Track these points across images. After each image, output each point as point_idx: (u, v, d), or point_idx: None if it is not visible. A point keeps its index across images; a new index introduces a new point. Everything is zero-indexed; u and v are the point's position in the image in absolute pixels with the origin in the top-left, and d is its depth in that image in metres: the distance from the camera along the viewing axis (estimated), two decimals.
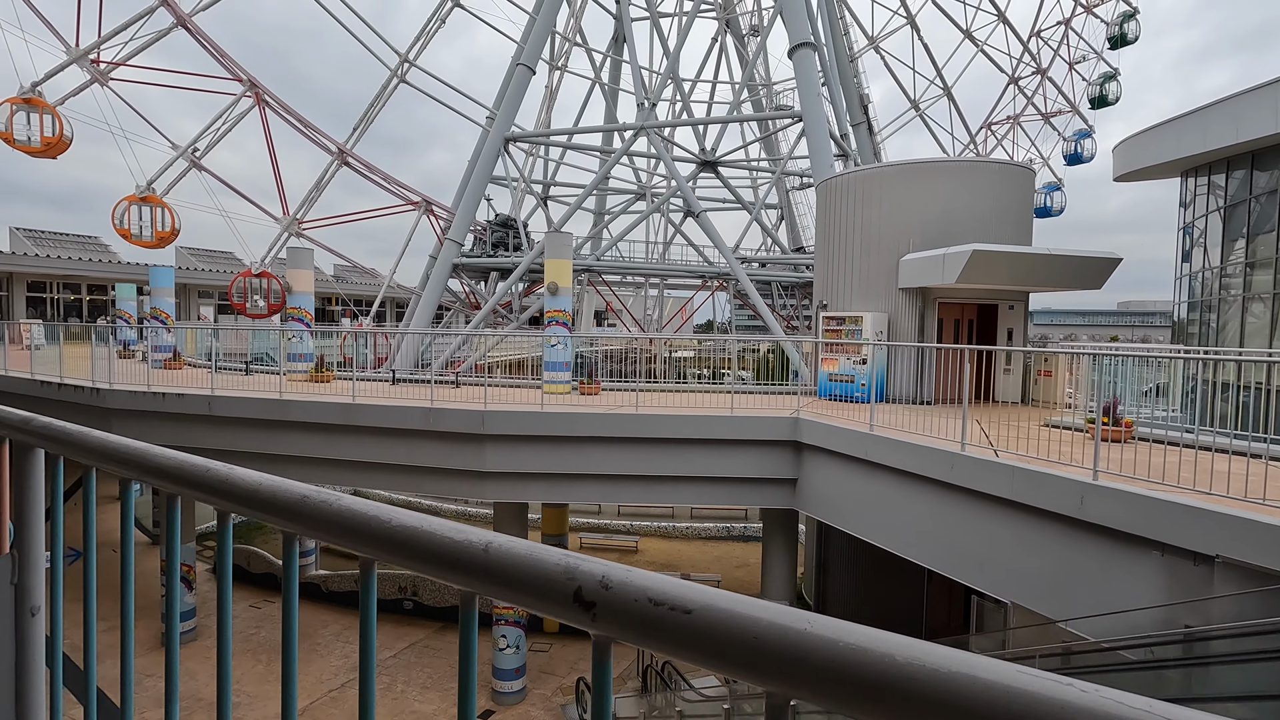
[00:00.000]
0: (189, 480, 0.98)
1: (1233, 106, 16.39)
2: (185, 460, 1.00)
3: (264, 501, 0.90)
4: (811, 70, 26.77)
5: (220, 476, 0.95)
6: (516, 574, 0.67)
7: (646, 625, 0.58)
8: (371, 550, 0.80)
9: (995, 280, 12.96)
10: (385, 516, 0.78)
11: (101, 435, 1.09)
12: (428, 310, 29.39)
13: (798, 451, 10.85)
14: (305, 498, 0.86)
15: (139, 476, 1.05)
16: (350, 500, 0.84)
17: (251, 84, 22.67)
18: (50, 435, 1.14)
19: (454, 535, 0.75)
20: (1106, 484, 6.35)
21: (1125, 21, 41.93)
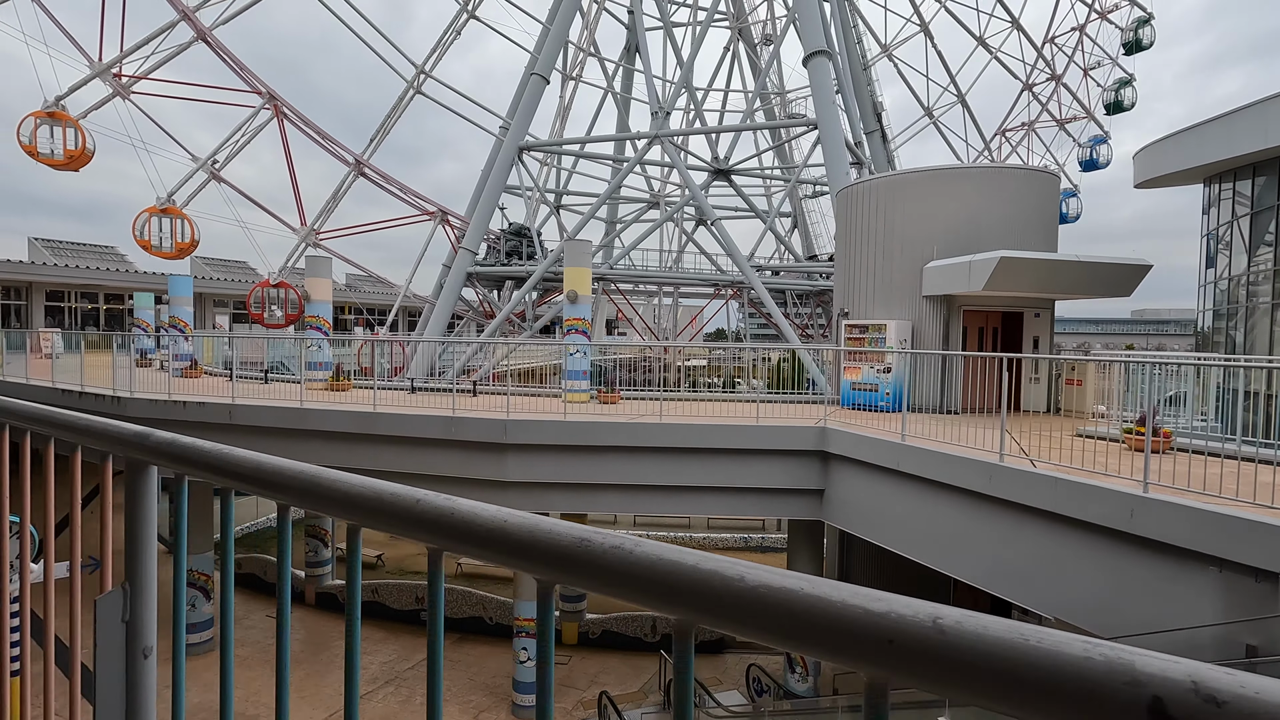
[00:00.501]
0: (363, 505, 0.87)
1: (1260, 111, 16.15)
2: (364, 485, 0.89)
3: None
4: (826, 78, 26.70)
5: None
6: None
7: None
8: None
9: (1022, 288, 12.76)
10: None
11: (236, 452, 0.98)
12: (442, 319, 29.41)
13: (825, 461, 10.67)
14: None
15: (292, 500, 0.94)
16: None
17: (270, 97, 22.84)
18: (178, 454, 1.04)
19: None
20: (1158, 496, 6.16)
21: (1140, 27, 41.64)
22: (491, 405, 12.61)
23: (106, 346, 21.42)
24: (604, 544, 0.67)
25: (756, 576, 0.58)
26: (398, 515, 0.84)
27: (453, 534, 0.78)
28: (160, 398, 13.19)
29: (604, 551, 0.67)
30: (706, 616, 0.62)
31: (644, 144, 29.30)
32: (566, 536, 0.71)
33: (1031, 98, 42.46)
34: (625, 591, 0.67)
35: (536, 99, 30.93)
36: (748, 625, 0.59)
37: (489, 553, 0.77)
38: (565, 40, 31.89)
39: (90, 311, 36.67)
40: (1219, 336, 21.39)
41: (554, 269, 29.89)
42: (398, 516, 0.84)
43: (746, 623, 0.59)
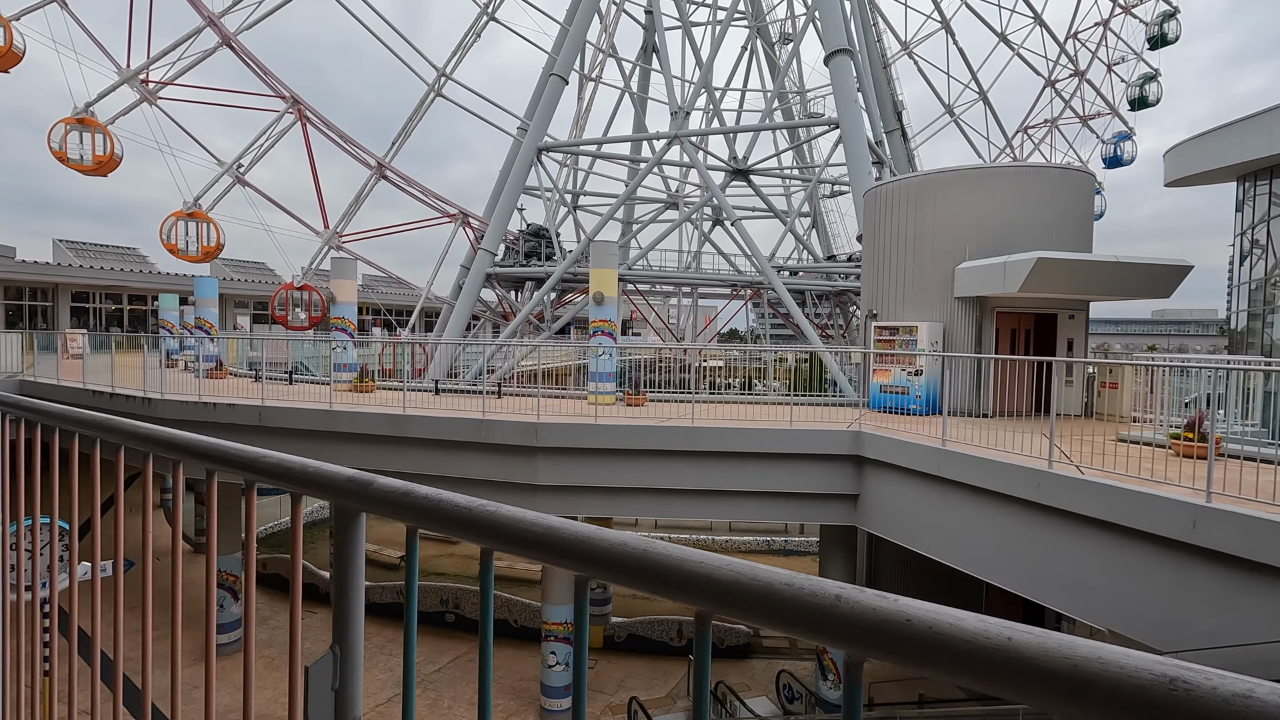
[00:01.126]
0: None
1: None
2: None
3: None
4: (848, 77, 26.45)
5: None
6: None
7: None
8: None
9: (1059, 289, 12.52)
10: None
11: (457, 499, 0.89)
12: (461, 320, 29.45)
13: (859, 466, 10.51)
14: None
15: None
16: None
17: (294, 101, 22.95)
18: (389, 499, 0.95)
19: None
20: (1221, 506, 5.97)
21: (1165, 21, 40.98)
22: (516, 407, 12.55)
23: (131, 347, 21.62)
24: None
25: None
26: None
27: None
28: (190, 399, 13.25)
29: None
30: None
31: (663, 144, 29.16)
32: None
33: (1054, 94, 41.87)
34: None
35: (555, 100, 30.90)
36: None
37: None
38: (584, 41, 31.83)
39: (114, 312, 37.11)
40: (1253, 338, 20.95)
41: (572, 269, 29.87)
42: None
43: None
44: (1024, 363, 12.59)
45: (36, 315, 33.12)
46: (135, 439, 1.49)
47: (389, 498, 0.98)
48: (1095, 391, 13.78)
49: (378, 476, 1.03)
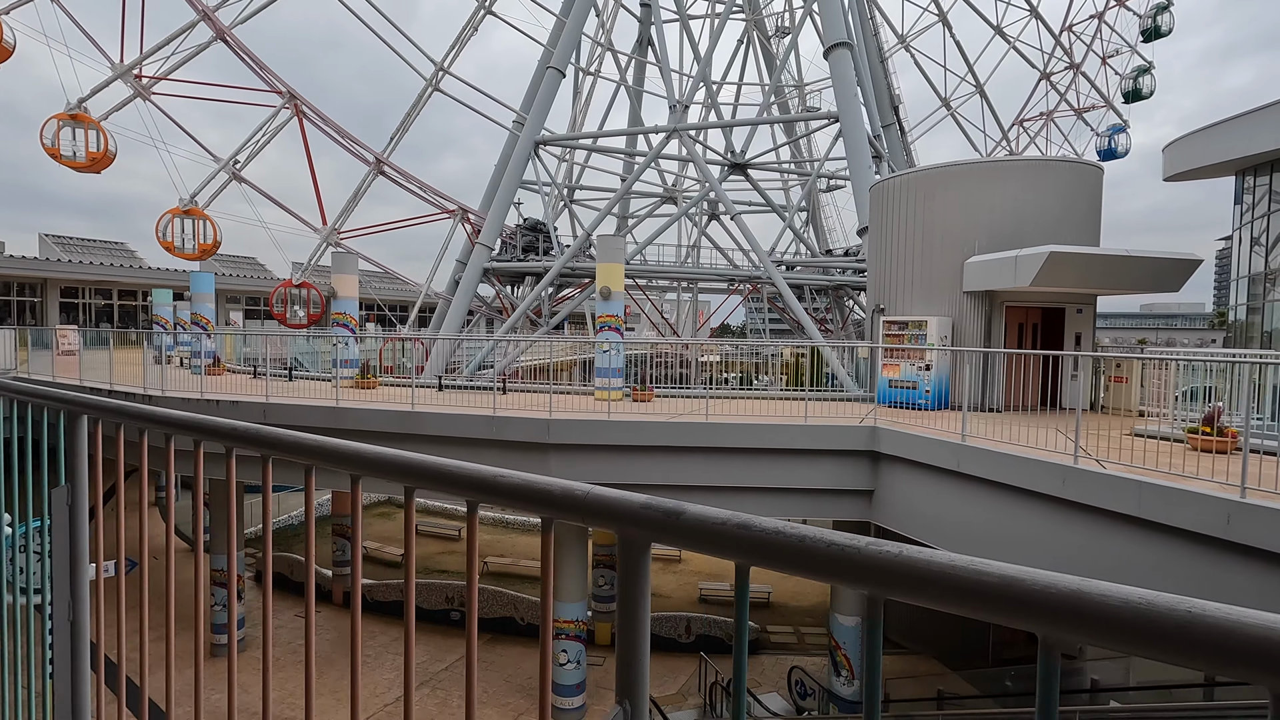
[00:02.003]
0: None
1: None
2: None
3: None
4: (848, 71, 26.35)
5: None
6: None
7: None
8: None
9: (1070, 283, 12.50)
10: None
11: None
12: (458, 315, 29.22)
13: (875, 462, 10.45)
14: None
15: None
16: None
17: (291, 96, 22.61)
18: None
19: None
20: (1257, 502, 5.93)
21: (1159, 14, 41.15)
22: (523, 403, 12.42)
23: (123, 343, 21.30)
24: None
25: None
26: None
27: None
28: (193, 396, 13.04)
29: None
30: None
31: (661, 138, 28.97)
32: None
33: (1050, 87, 41.97)
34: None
35: (552, 93, 30.63)
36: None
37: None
38: (580, 33, 31.55)
39: (104, 308, 36.60)
40: (1253, 331, 21.08)
41: (570, 264, 29.69)
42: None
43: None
44: (1031, 357, 12.58)
45: (24, 311, 32.59)
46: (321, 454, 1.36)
47: (705, 528, 0.86)
48: (1103, 386, 13.78)
49: (686, 505, 0.91)
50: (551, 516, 1.06)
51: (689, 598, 17.20)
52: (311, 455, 1.41)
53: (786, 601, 17.02)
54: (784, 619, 16.08)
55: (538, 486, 1.03)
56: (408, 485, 1.28)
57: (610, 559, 15.99)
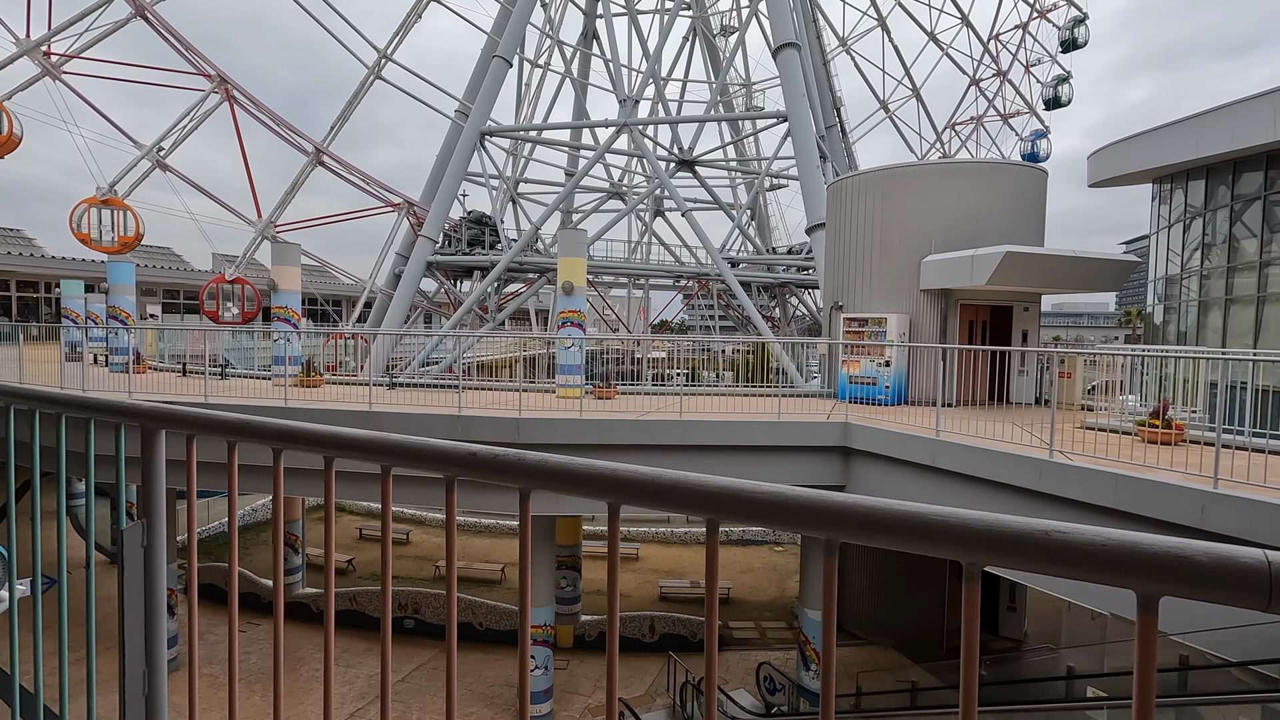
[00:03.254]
0: None
1: (1219, 117, 16.95)
2: None
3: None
4: (796, 71, 26.69)
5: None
6: None
7: None
8: None
9: (1023, 282, 12.97)
10: None
11: None
12: (401, 310, 28.18)
13: (846, 457, 10.56)
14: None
15: None
16: None
17: (221, 79, 21.16)
18: None
19: None
20: (1229, 492, 6.22)
21: (1076, 26, 43.61)
22: (483, 401, 12.00)
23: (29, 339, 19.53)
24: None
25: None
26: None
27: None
28: (119, 398, 11.97)
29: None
30: None
31: (611, 132, 28.69)
32: None
33: (979, 93, 43.87)
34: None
35: (499, 83, 29.89)
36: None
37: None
38: (527, 23, 30.87)
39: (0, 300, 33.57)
40: (1169, 329, 22.54)
41: (517, 259, 29.08)
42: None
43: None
44: (981, 353, 13.03)
45: None
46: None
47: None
48: (1048, 381, 14.40)
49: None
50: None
51: (649, 596, 17.08)
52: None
53: (746, 597, 17.13)
54: (744, 615, 16.17)
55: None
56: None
57: (572, 559, 15.68)
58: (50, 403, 1.75)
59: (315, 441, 1.39)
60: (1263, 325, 17.09)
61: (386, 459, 1.29)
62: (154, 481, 1.57)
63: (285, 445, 1.42)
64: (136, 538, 1.54)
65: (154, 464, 1.57)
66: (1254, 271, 17.38)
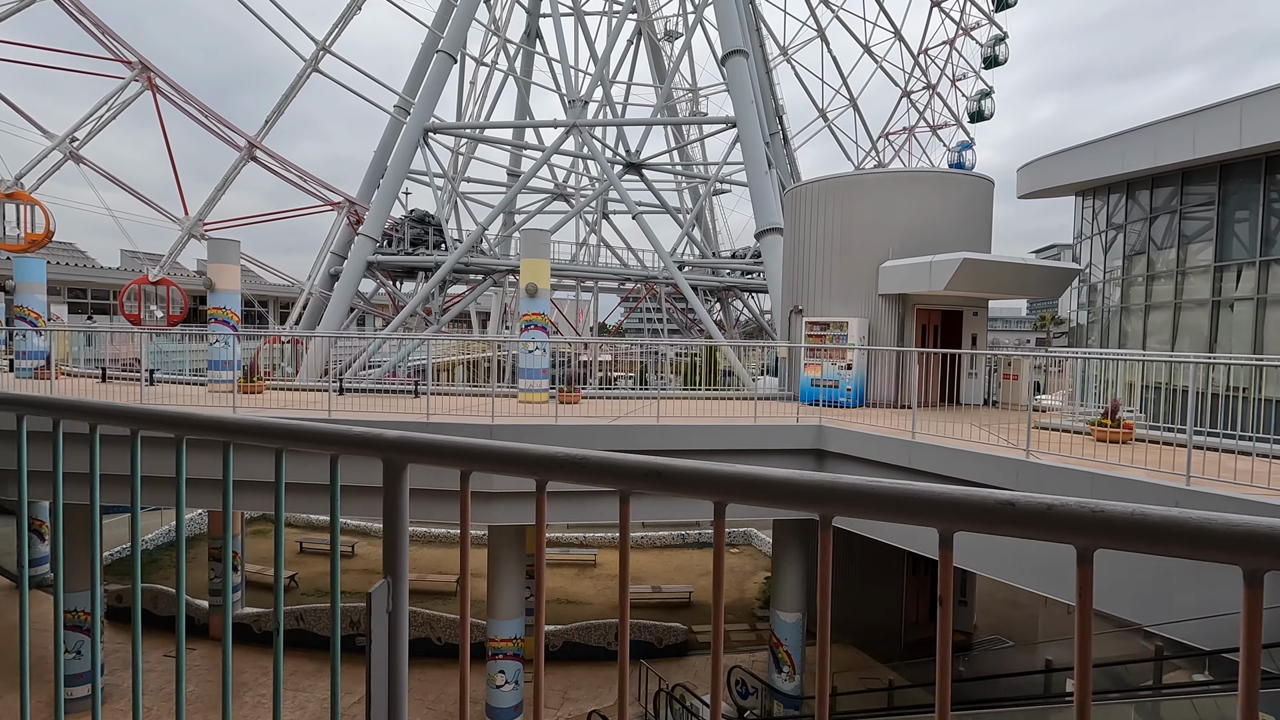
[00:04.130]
0: None
1: (1154, 133, 18.12)
2: None
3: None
4: (745, 78, 27.05)
5: None
6: None
7: None
8: None
9: (978, 288, 13.46)
10: None
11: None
12: (339, 311, 26.99)
13: (820, 460, 10.67)
14: None
15: None
16: None
17: (144, 67, 19.68)
18: None
19: None
20: (1200, 489, 6.56)
21: (996, 44, 46.17)
22: (440, 407, 11.57)
23: None
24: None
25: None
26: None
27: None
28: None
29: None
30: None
31: (560, 133, 28.34)
32: None
33: (910, 105, 45.74)
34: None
35: (443, 78, 29.07)
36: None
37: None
38: (472, 18, 30.16)
39: None
40: (1092, 334, 23.95)
41: (463, 259, 28.34)
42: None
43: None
44: (932, 356, 13.49)
45: None
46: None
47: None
48: (996, 383, 15.02)
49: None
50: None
51: (609, 602, 16.87)
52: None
53: (707, 600, 17.14)
54: (707, 618, 16.16)
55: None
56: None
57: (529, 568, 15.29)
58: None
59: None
60: (1179, 330, 18.38)
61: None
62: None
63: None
64: None
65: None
66: (1171, 279, 18.68)
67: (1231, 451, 7.99)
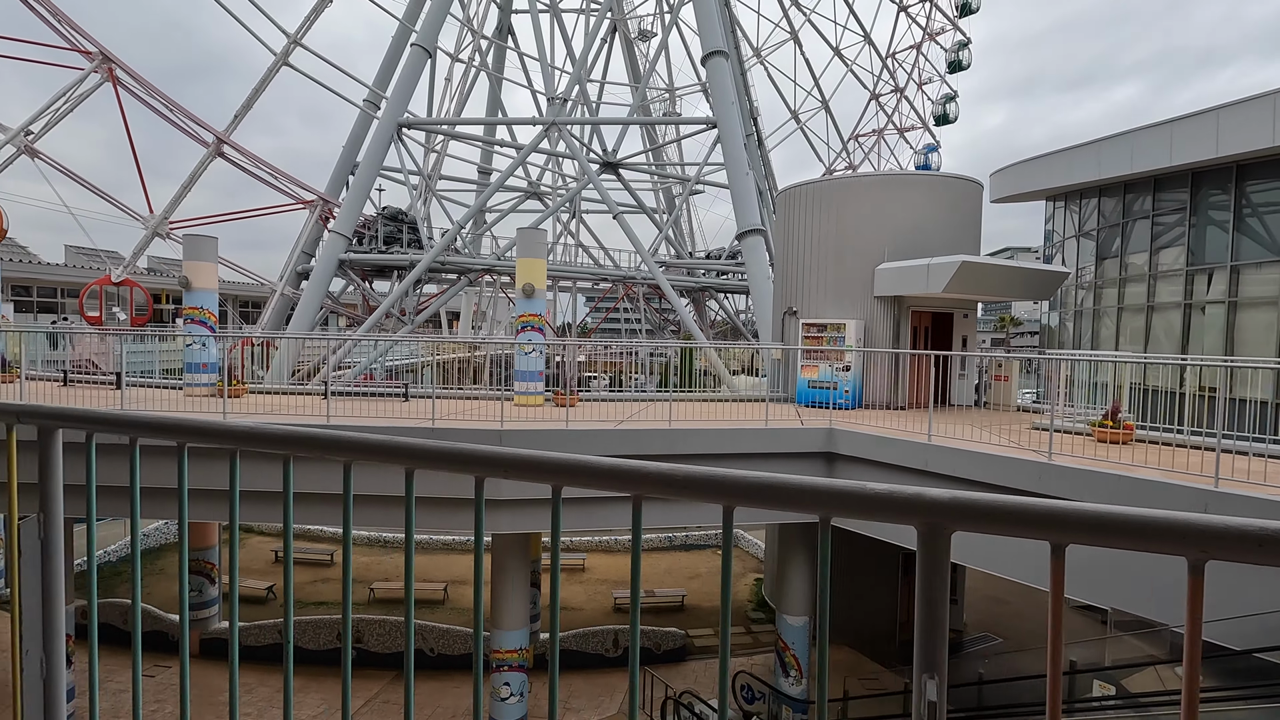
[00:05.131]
0: None
1: (1130, 140, 18.65)
2: None
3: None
4: (725, 78, 27.08)
5: None
6: None
7: None
8: None
9: (974, 290, 13.62)
10: None
11: None
12: (310, 310, 26.13)
13: (830, 463, 10.64)
14: None
15: None
16: None
17: (104, 58, 18.65)
18: None
19: None
20: (1230, 491, 6.67)
21: (960, 50, 47.28)
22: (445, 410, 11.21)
23: None
24: None
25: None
26: None
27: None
28: None
29: None
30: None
31: (539, 130, 27.94)
32: None
33: (879, 107, 46.48)
34: None
35: (418, 72, 28.45)
36: None
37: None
38: (448, 12, 29.52)
39: None
40: (1064, 335, 24.60)
41: (440, 258, 27.73)
42: None
43: None
44: (924, 358, 13.64)
45: None
46: None
47: None
48: (985, 385, 15.25)
49: None
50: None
51: (603, 608, 16.63)
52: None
53: (700, 603, 17.04)
54: (701, 621, 16.07)
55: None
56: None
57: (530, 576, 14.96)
58: None
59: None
60: (1152, 332, 19.00)
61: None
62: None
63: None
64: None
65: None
66: (1143, 282, 19.28)
67: (1245, 453, 8.19)
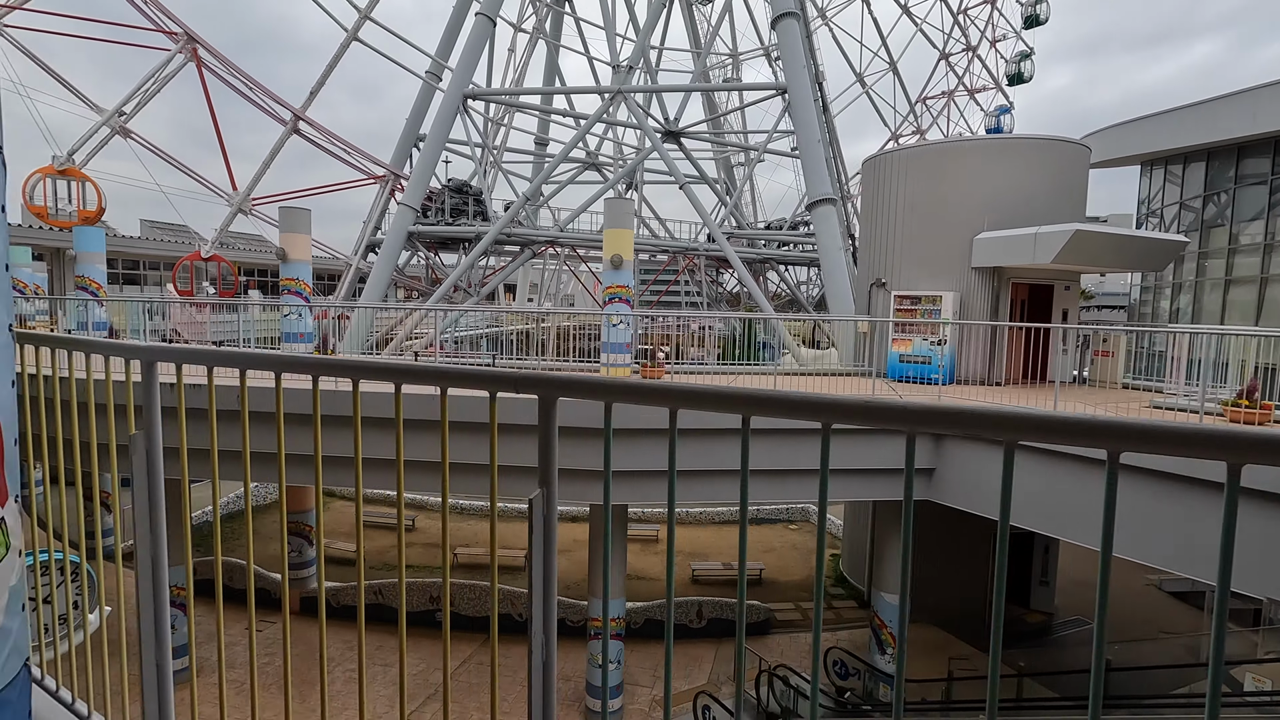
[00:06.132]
0: None
1: (1253, 98, 17.32)
2: None
3: None
4: (796, 41, 26.22)
5: None
6: None
7: None
8: None
9: (1086, 261, 12.93)
10: None
11: None
12: (382, 282, 26.62)
13: (937, 440, 10.31)
14: None
15: None
16: None
17: (189, 38, 19.03)
18: None
19: None
20: None
21: (1038, 3, 44.52)
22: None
23: None
24: None
25: None
26: None
27: None
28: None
29: None
30: None
31: (607, 99, 27.57)
32: None
33: (949, 68, 44.41)
34: None
35: (483, 42, 28.34)
36: None
37: None
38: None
39: None
40: (1145, 309, 23.32)
41: (506, 231, 27.83)
42: None
43: None
44: (1022, 331, 13.08)
45: None
46: None
47: None
48: (1088, 360, 14.56)
49: None
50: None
51: (681, 579, 16.73)
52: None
53: (776, 578, 16.98)
54: (781, 595, 16.01)
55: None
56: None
57: None
58: None
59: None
60: (1265, 305, 17.80)
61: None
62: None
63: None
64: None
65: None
66: (1257, 252, 18.03)
67: None
